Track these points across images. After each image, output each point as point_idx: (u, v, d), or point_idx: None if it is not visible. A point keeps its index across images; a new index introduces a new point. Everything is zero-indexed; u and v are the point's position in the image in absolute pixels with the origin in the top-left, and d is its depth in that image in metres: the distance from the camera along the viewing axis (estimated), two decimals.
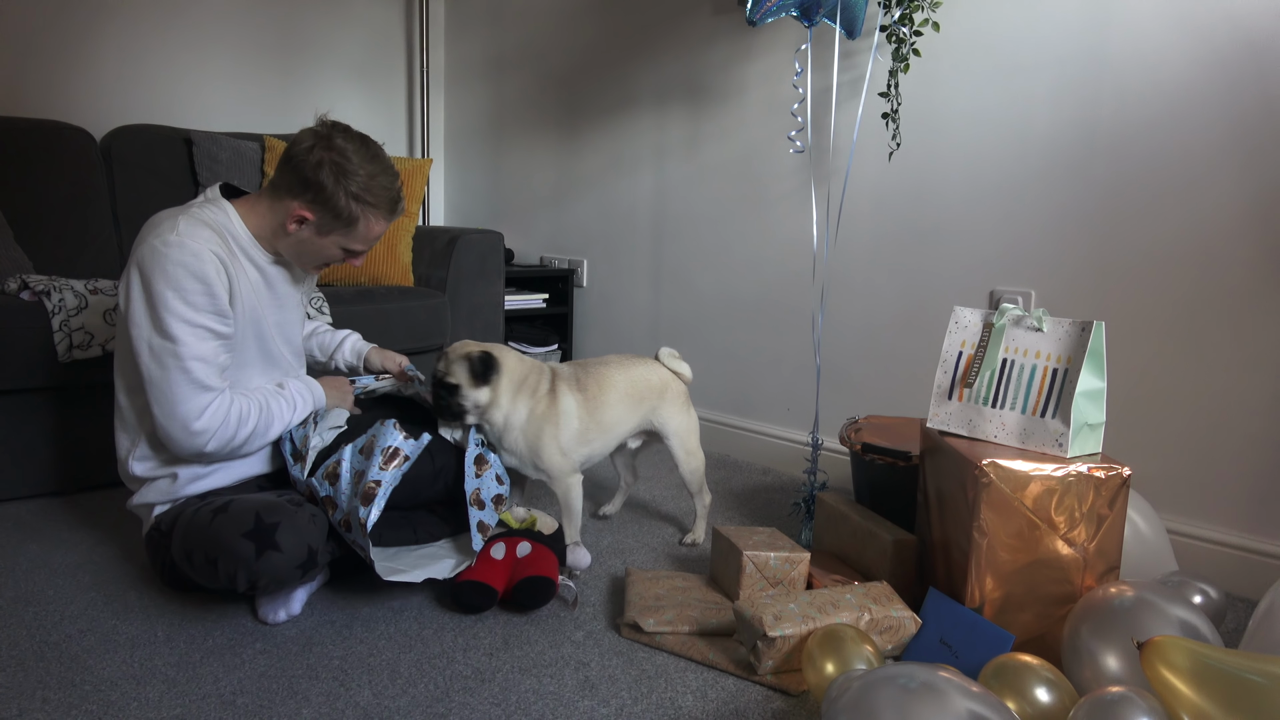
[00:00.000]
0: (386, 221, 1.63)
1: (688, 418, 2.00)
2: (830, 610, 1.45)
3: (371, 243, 1.66)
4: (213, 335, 1.53)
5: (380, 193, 1.58)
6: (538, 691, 1.37)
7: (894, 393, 2.37)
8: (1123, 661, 1.24)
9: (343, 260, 1.67)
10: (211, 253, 1.51)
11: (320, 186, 1.54)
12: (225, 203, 1.62)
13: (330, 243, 1.62)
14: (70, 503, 2.16)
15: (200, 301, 1.50)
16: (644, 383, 1.94)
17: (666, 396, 1.97)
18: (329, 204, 1.55)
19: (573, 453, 1.83)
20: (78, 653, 1.44)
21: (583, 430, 1.84)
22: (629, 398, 1.90)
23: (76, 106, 2.92)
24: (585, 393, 1.85)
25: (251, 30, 3.29)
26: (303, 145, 1.55)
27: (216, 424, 1.53)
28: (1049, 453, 1.46)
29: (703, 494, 2.04)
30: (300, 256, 1.66)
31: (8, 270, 2.29)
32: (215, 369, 1.53)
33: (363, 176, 1.55)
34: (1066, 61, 1.99)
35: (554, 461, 1.80)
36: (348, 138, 1.57)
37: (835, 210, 2.30)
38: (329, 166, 1.53)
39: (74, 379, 2.13)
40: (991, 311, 1.60)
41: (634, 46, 2.98)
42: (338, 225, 1.58)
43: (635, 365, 1.95)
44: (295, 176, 1.55)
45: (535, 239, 3.49)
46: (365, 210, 1.58)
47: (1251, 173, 1.76)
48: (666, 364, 2.00)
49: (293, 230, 1.59)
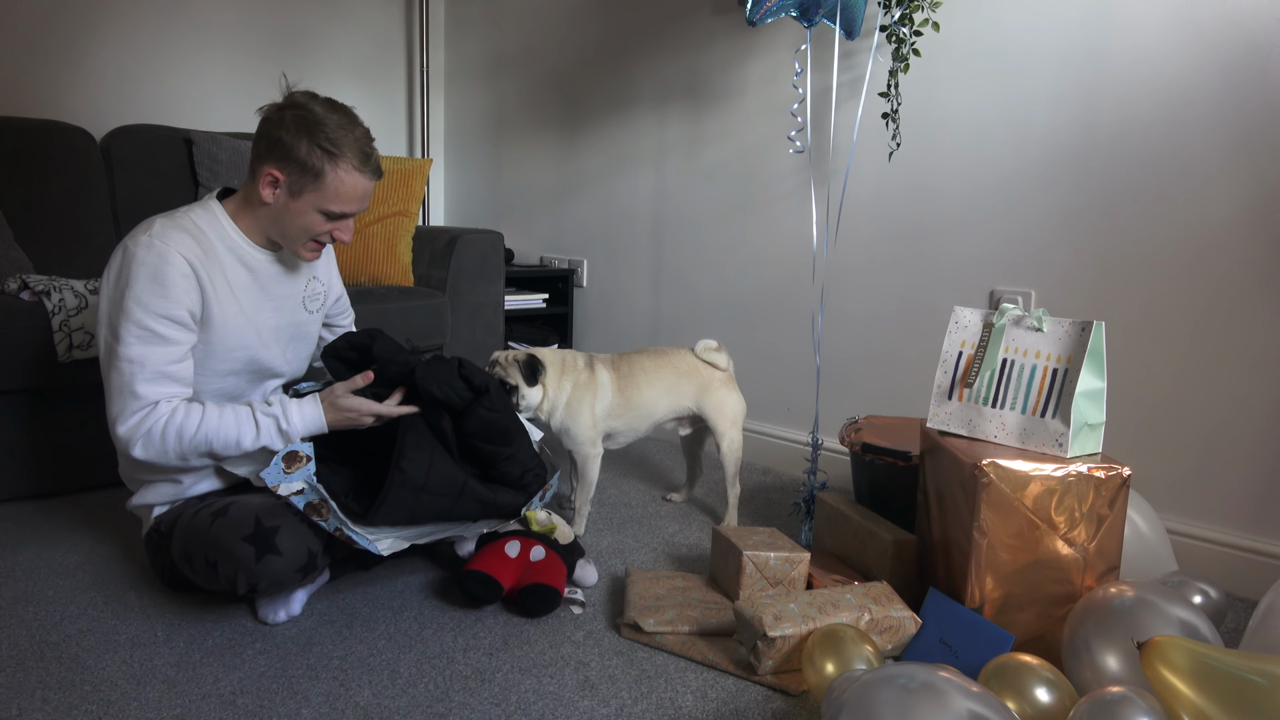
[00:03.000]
0: (360, 175, 1.55)
1: (729, 400, 2.09)
2: (830, 610, 1.45)
3: (350, 202, 1.57)
4: (157, 339, 1.47)
5: (346, 142, 1.52)
6: (538, 691, 1.37)
7: (894, 393, 2.37)
8: (1123, 661, 1.24)
9: (328, 231, 1.60)
10: (181, 256, 1.48)
11: (281, 141, 1.51)
12: (215, 203, 1.61)
13: (306, 205, 1.55)
14: (70, 503, 2.16)
15: (154, 304, 1.46)
16: (675, 370, 2.06)
17: (703, 383, 2.08)
18: (293, 156, 1.51)
19: (601, 423, 1.99)
20: (78, 653, 1.44)
21: (614, 404, 2.00)
22: (660, 382, 2.04)
23: (76, 106, 2.92)
24: (618, 372, 2.03)
25: (251, 30, 3.29)
26: (266, 111, 1.56)
27: (140, 434, 1.47)
28: (1049, 453, 1.46)
29: (735, 484, 2.12)
30: (284, 232, 1.59)
31: (8, 270, 2.29)
32: (152, 375, 1.47)
33: (329, 127, 1.51)
34: (1066, 61, 1.99)
35: (584, 427, 1.97)
36: (311, 97, 1.56)
37: (835, 210, 2.30)
38: (291, 121, 1.51)
39: (74, 379, 2.13)
40: (991, 311, 1.60)
41: (634, 46, 2.98)
42: (307, 179, 1.52)
43: (667, 354, 2.10)
44: (263, 142, 1.54)
45: (535, 239, 3.49)
46: (332, 161, 1.52)
47: (1252, 172, 1.76)
48: (701, 356, 2.10)
49: (268, 198, 1.55)
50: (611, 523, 2.14)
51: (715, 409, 2.08)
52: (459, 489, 1.58)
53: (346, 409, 1.57)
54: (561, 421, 1.98)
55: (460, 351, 2.85)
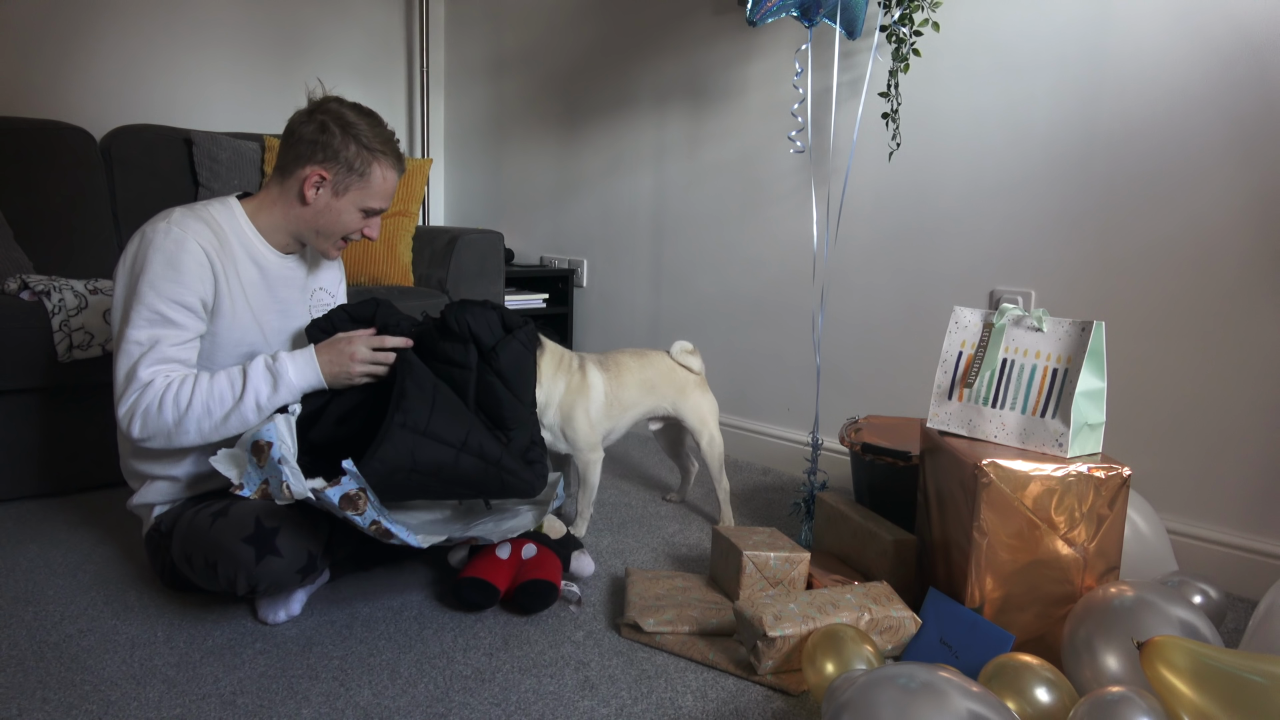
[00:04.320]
0: (396, 173, 1.64)
1: (703, 402, 2.12)
2: (830, 610, 1.45)
3: (387, 199, 1.65)
4: (166, 323, 1.49)
5: (385, 140, 1.61)
6: (538, 691, 1.37)
7: (894, 393, 2.37)
8: (1123, 661, 1.24)
9: (360, 229, 1.66)
10: (197, 244, 1.51)
11: (327, 143, 1.57)
12: (234, 201, 1.64)
13: (349, 203, 1.61)
14: (70, 503, 2.16)
15: (167, 289, 1.48)
16: (654, 371, 2.08)
17: (678, 383, 2.10)
18: (340, 156, 1.57)
19: (598, 425, 1.98)
20: (78, 653, 1.44)
21: (607, 405, 2.00)
22: (643, 383, 2.06)
23: (76, 106, 2.92)
24: (608, 373, 2.02)
25: (251, 30, 3.29)
26: (300, 117, 1.60)
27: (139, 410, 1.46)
28: (1049, 453, 1.46)
29: (722, 479, 2.13)
30: (320, 232, 1.64)
31: (8, 270, 2.29)
32: (157, 358, 1.48)
33: (364, 126, 1.59)
34: (1066, 61, 1.99)
35: (583, 432, 1.95)
36: (340, 102, 1.62)
37: (835, 210, 2.30)
38: (333, 122, 1.57)
39: (74, 379, 2.13)
40: (991, 311, 1.60)
41: (634, 47, 2.98)
42: (352, 178, 1.59)
43: (647, 354, 2.11)
44: (301, 145, 1.58)
45: (535, 239, 3.49)
46: (375, 158, 1.60)
47: (1252, 172, 1.76)
48: (677, 359, 2.12)
49: (311, 198, 1.60)
50: (611, 523, 2.14)
51: (692, 412, 2.10)
52: (463, 437, 1.51)
53: (338, 341, 1.58)
54: (555, 422, 1.94)
55: None
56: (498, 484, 1.58)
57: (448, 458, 1.49)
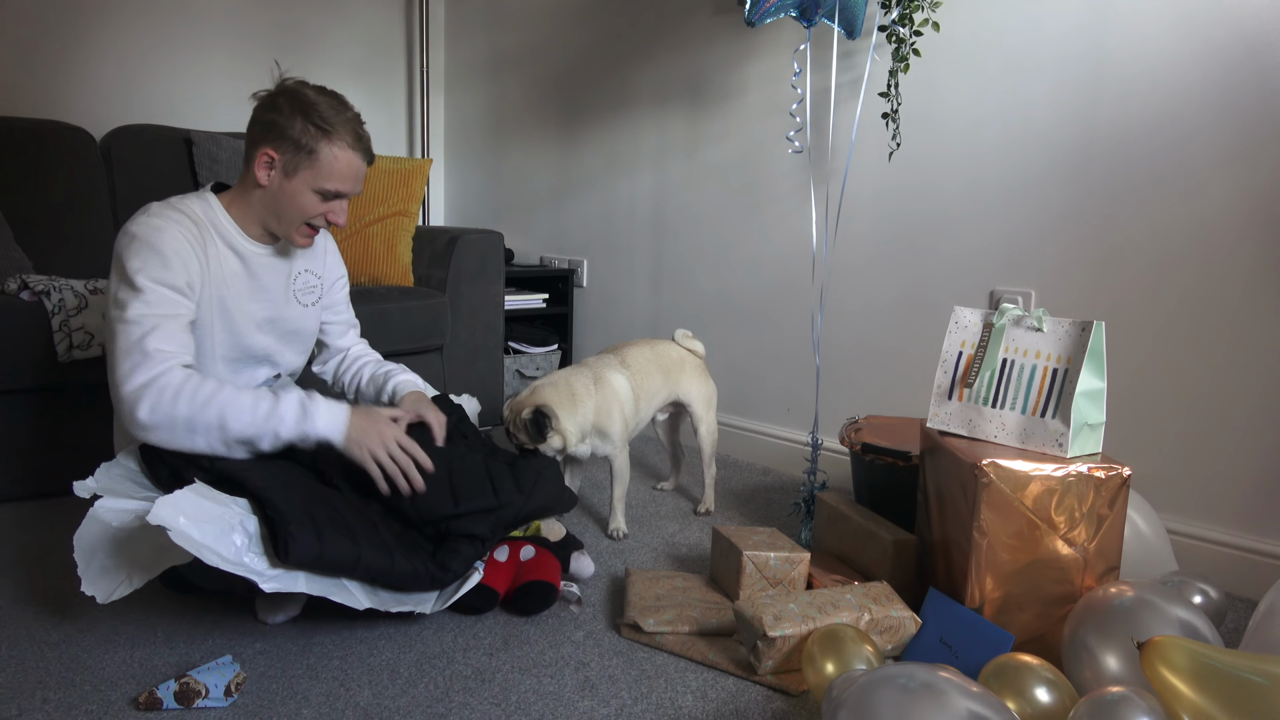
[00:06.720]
0: (353, 153, 1.58)
1: (705, 387, 2.23)
2: (830, 610, 1.44)
3: (344, 180, 1.58)
4: (161, 302, 1.48)
5: (339, 120, 1.55)
6: (538, 691, 1.37)
7: (894, 393, 2.37)
8: (1123, 661, 1.24)
9: (322, 213, 1.61)
10: (178, 231, 1.51)
11: (274, 122, 1.55)
12: (210, 194, 1.64)
13: (301, 185, 1.57)
14: (70, 502, 2.15)
15: (156, 273, 1.48)
16: (667, 357, 2.17)
17: (686, 369, 2.20)
18: (287, 135, 1.54)
19: (630, 420, 2.04)
20: (77, 653, 1.44)
21: (635, 400, 2.05)
22: (660, 370, 2.14)
23: (76, 106, 2.92)
24: (630, 369, 2.07)
25: (251, 31, 3.29)
26: (261, 96, 1.59)
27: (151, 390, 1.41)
28: (1049, 453, 1.46)
29: (712, 464, 2.24)
30: (279, 215, 1.61)
31: (8, 270, 2.29)
32: (161, 335, 1.45)
33: (321, 106, 1.55)
34: (1067, 61, 1.99)
35: (617, 433, 1.99)
36: (302, 83, 1.60)
37: (835, 210, 2.30)
38: (285, 102, 1.55)
39: (74, 379, 2.13)
40: (991, 311, 1.60)
41: (634, 47, 2.98)
42: (301, 157, 1.55)
43: (657, 344, 2.19)
44: (256, 126, 1.57)
45: (535, 239, 3.49)
46: (326, 138, 1.54)
47: (1252, 172, 1.76)
48: (681, 343, 2.23)
49: (263, 180, 1.57)
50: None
51: (696, 394, 2.19)
52: (356, 555, 1.41)
53: (375, 418, 1.54)
54: (595, 443, 1.98)
55: (460, 351, 2.85)
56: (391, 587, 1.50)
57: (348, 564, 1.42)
